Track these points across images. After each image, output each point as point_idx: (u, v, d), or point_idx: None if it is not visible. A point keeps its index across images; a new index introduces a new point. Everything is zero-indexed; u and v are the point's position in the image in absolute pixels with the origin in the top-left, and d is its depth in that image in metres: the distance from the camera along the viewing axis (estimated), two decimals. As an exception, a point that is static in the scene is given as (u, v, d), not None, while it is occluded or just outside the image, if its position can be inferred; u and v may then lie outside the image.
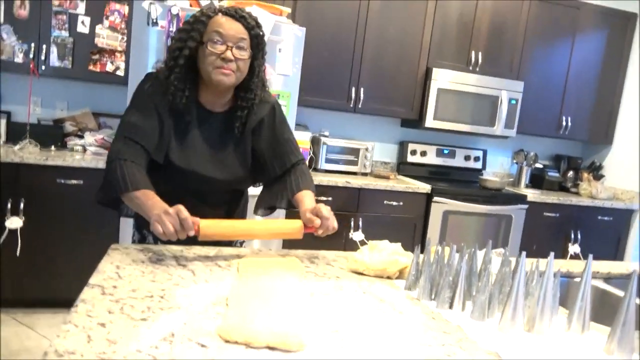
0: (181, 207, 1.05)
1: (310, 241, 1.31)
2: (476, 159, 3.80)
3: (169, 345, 0.71)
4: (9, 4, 2.66)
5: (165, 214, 1.04)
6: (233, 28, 1.21)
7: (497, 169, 3.99)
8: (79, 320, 0.76)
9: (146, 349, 0.69)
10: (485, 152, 3.84)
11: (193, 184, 1.31)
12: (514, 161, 3.88)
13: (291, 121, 2.69)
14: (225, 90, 1.29)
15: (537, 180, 3.85)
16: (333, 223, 1.22)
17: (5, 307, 2.59)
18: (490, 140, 3.86)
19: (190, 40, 1.21)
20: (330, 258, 1.30)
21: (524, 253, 0.93)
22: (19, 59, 2.72)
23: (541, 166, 3.86)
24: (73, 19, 2.76)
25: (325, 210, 1.23)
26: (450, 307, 1.02)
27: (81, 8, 2.76)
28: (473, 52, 3.39)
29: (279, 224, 1.29)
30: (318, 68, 3.10)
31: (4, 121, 2.86)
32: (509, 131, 3.50)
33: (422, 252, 1.13)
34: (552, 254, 0.96)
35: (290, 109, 2.68)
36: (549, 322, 0.96)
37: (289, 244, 1.29)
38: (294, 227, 1.23)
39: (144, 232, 1.38)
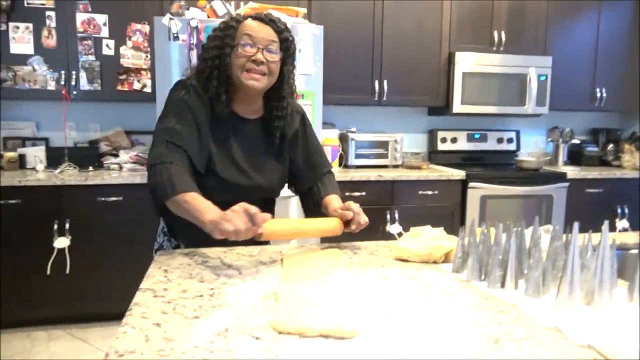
0: (246, 204, 1.01)
1: (347, 238, 1.31)
2: (509, 140, 3.70)
3: (224, 340, 0.71)
4: (38, 35, 2.77)
5: (233, 212, 0.99)
6: (263, 31, 1.21)
7: (532, 148, 3.88)
8: (135, 322, 0.77)
9: (202, 344, 0.70)
10: (518, 133, 3.74)
11: (232, 193, 1.23)
12: (549, 139, 3.76)
13: (317, 120, 2.70)
14: (256, 96, 1.29)
15: (576, 157, 3.72)
16: (364, 217, 1.25)
17: (60, 324, 2.69)
18: (522, 120, 3.76)
19: (225, 47, 1.21)
20: (372, 248, 1.28)
21: (576, 224, 0.90)
22: (52, 86, 2.82)
23: (578, 142, 3.73)
24: (98, 43, 2.85)
25: (355, 206, 1.26)
26: (503, 286, 0.99)
27: (105, 32, 2.85)
28: (495, 32, 3.31)
29: (324, 222, 1.27)
30: (339, 65, 3.09)
31: (43, 147, 2.97)
32: (541, 109, 3.40)
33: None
34: (605, 222, 0.92)
35: (315, 108, 2.69)
36: (609, 294, 0.91)
37: (328, 239, 1.28)
38: (335, 224, 1.25)
39: (177, 241, 1.36)
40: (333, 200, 1.35)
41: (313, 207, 1.43)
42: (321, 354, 0.68)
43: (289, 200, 2.67)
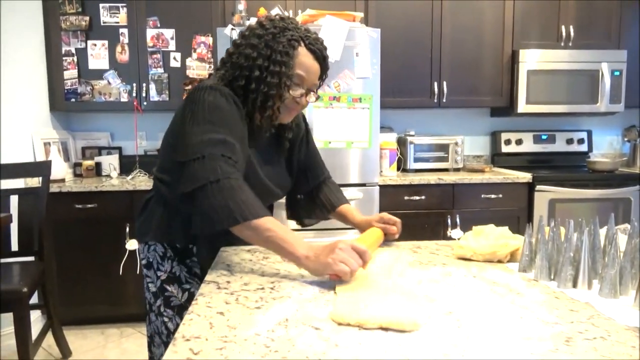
0: (349, 241, 0.95)
1: (406, 239, 1.29)
2: (580, 141, 3.49)
3: (284, 329, 0.73)
4: (112, 51, 2.98)
5: (342, 251, 0.91)
6: (314, 72, 1.16)
7: (606, 149, 3.64)
8: (200, 310, 0.81)
9: (264, 332, 0.72)
10: (590, 133, 3.52)
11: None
12: (625, 139, 3.52)
13: (375, 124, 2.69)
14: None
15: (657, 157, 3.44)
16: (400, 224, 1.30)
17: (131, 321, 2.85)
18: (595, 119, 3.54)
19: (283, 76, 1.11)
20: (432, 248, 1.25)
21: (657, 217, 0.83)
22: (124, 98, 3.02)
23: (659, 141, 3.45)
24: (166, 57, 3.02)
25: (393, 217, 1.30)
26: (574, 285, 0.93)
27: (172, 45, 3.01)
28: (563, 26, 3.15)
29: (377, 237, 1.23)
30: (397, 67, 3.07)
31: (117, 156, 3.18)
32: (616, 106, 3.18)
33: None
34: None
35: (373, 112, 2.68)
36: (698, 295, 0.84)
37: (387, 237, 1.27)
38: (382, 237, 1.26)
39: (193, 261, 1.21)
40: (352, 211, 1.40)
41: (315, 209, 1.43)
42: (380, 345, 0.67)
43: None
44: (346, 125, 2.67)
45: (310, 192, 1.44)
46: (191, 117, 1.06)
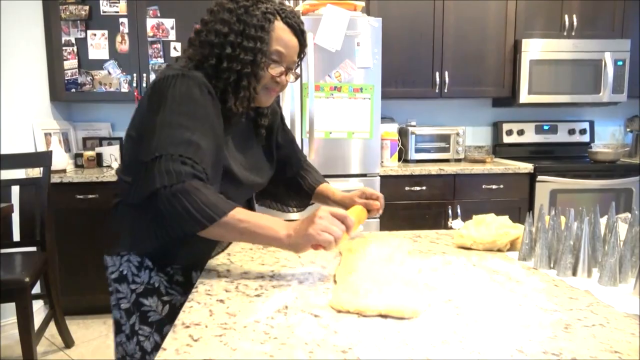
0: (329, 208, 0.91)
1: (406, 227, 1.29)
2: (582, 131, 3.48)
3: (284, 316, 0.73)
4: (112, 41, 2.96)
5: (322, 219, 0.86)
6: (293, 47, 1.07)
7: (608, 140, 3.62)
8: (200, 298, 0.81)
9: (263, 319, 0.72)
10: (592, 124, 3.50)
11: (233, 193, 1.04)
12: (628, 129, 3.50)
13: (376, 114, 2.68)
14: None
15: (659, 148, 3.43)
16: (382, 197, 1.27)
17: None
18: (597, 109, 3.52)
19: (258, 54, 1.01)
20: (433, 237, 1.25)
21: (658, 205, 0.83)
22: (125, 89, 3.01)
23: (662, 131, 3.43)
24: (166, 46, 3.00)
25: (374, 191, 1.27)
26: (574, 273, 0.93)
27: (172, 35, 3.00)
28: (566, 16, 3.12)
29: (360, 213, 1.19)
30: (398, 57, 3.05)
31: (117, 146, 3.18)
32: (619, 96, 3.16)
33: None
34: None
35: (374, 102, 2.67)
36: (698, 283, 0.84)
37: (387, 227, 1.26)
38: (366, 213, 1.22)
39: (173, 267, 1.06)
40: (334, 190, 1.33)
41: (295, 197, 1.38)
42: (380, 332, 0.68)
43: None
44: (347, 115, 2.66)
45: (290, 180, 1.36)
46: (157, 109, 0.93)
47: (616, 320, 0.72)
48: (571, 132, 3.47)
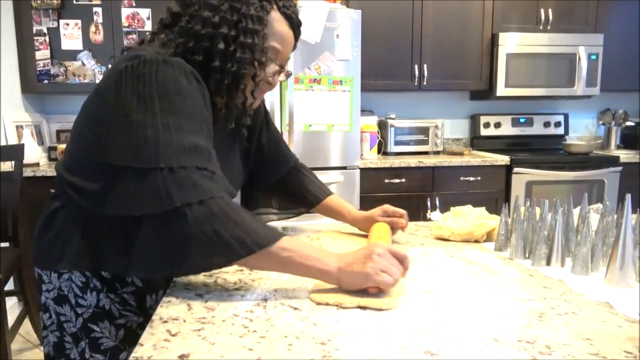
0: (386, 244, 0.83)
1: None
2: (557, 124, 3.55)
3: (263, 310, 0.73)
4: (86, 31, 2.89)
5: (381, 257, 0.76)
6: (289, 43, 0.95)
7: (582, 132, 3.71)
8: (179, 292, 0.80)
9: (242, 313, 0.72)
10: (566, 116, 3.58)
11: None
12: (601, 122, 3.59)
13: (355, 107, 2.68)
14: None
15: (630, 140, 3.52)
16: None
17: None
18: (571, 102, 3.59)
19: (258, 52, 0.87)
20: (412, 228, 1.26)
21: (628, 196, 0.85)
22: (99, 80, 2.93)
23: (633, 124, 3.53)
24: (142, 36, 2.93)
25: (392, 207, 1.14)
26: (548, 263, 0.96)
27: (148, 25, 2.94)
28: (542, 10, 3.17)
29: (389, 232, 1.09)
30: (378, 50, 3.06)
31: (93, 139, 3.11)
32: (592, 90, 3.23)
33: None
34: (661, 195, 0.86)
35: (354, 94, 2.67)
36: (665, 271, 0.86)
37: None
38: (391, 233, 1.11)
39: (126, 290, 0.89)
40: (348, 207, 1.19)
41: (287, 202, 1.22)
42: (358, 323, 0.68)
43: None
44: (327, 108, 2.65)
45: (279, 182, 1.21)
46: (138, 101, 0.75)
47: (588, 308, 0.74)
48: (546, 124, 3.54)
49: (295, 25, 0.95)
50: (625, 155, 3.14)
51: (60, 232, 0.85)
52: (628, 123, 3.49)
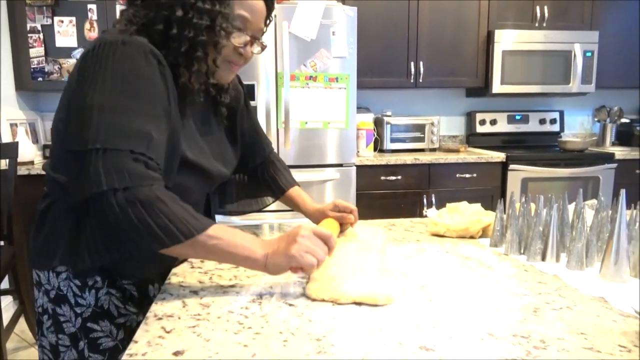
0: (311, 226, 0.81)
1: (382, 216, 1.29)
2: (552, 121, 3.56)
3: (258, 306, 0.73)
4: (81, 28, 2.87)
5: (304, 238, 0.76)
6: (260, 12, 0.91)
7: (577, 129, 3.72)
8: (174, 290, 0.80)
9: (237, 309, 0.71)
10: (562, 113, 3.59)
11: (194, 186, 0.93)
12: (596, 119, 3.60)
13: (352, 104, 2.68)
14: None
15: (625, 137, 3.54)
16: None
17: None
18: (567, 99, 3.60)
19: (218, 17, 0.84)
20: (407, 225, 1.27)
21: (623, 191, 0.85)
22: (95, 77, 2.92)
23: (628, 121, 3.54)
24: (137, 34, 2.92)
25: (344, 202, 1.12)
26: (543, 259, 0.96)
27: (143, 22, 2.92)
28: (537, 7, 3.17)
29: (334, 228, 1.07)
30: (373, 47, 3.05)
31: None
32: (587, 87, 3.24)
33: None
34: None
35: (350, 91, 2.66)
36: (659, 266, 0.87)
37: (363, 217, 1.26)
38: (338, 227, 1.11)
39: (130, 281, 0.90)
40: (305, 199, 1.18)
41: (260, 191, 1.22)
42: (354, 319, 0.68)
43: (324, 184, 2.68)
44: (323, 105, 2.65)
45: (253, 169, 1.20)
46: (92, 85, 0.74)
47: (582, 303, 0.75)
48: (542, 121, 3.55)
49: None
50: (620, 152, 3.15)
51: (53, 229, 0.86)
52: (623, 120, 3.50)
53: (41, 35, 2.84)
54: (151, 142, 0.75)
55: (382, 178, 2.91)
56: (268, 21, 0.96)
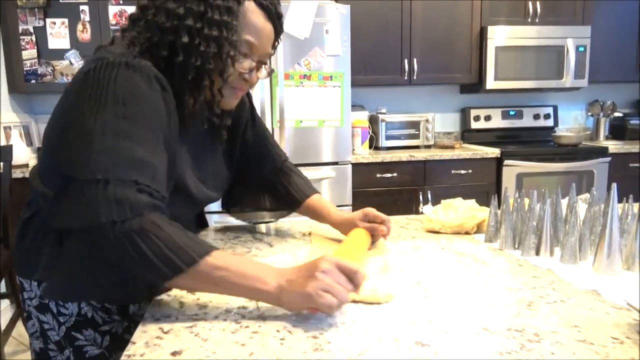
0: (334, 258, 0.69)
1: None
2: (546, 116, 3.58)
3: (255, 305, 0.73)
4: (73, 29, 2.86)
5: (325, 273, 0.66)
6: (267, 37, 0.87)
7: (571, 124, 3.74)
8: (170, 291, 0.80)
9: (234, 309, 0.72)
10: (555, 108, 3.60)
11: (182, 210, 0.89)
12: (589, 113, 3.61)
13: (346, 102, 2.68)
14: None
15: (618, 131, 3.56)
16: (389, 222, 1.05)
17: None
18: (560, 94, 3.62)
19: (225, 44, 0.80)
20: (403, 222, 1.27)
21: (614, 185, 0.86)
22: (88, 79, 2.91)
23: (621, 115, 3.56)
24: (130, 35, 2.92)
25: (375, 211, 1.05)
26: (537, 253, 0.97)
27: (136, 23, 2.91)
28: (530, 3, 3.18)
29: (364, 242, 0.99)
30: (367, 45, 3.06)
31: (82, 139, 3.08)
32: (580, 81, 3.25)
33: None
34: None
35: (344, 90, 2.67)
36: (651, 258, 0.88)
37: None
38: (369, 239, 1.02)
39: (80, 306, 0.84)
40: (329, 208, 1.11)
41: (274, 199, 1.16)
42: (350, 316, 0.69)
43: (320, 183, 2.68)
44: (317, 103, 2.65)
45: (265, 181, 1.15)
46: (93, 107, 0.70)
47: (576, 296, 0.76)
48: (536, 117, 3.56)
49: (274, 17, 0.88)
50: (613, 146, 3.17)
51: (33, 242, 0.83)
52: (616, 114, 3.52)
53: (33, 37, 2.83)
54: (155, 172, 0.71)
55: (378, 175, 2.92)
56: (276, 43, 0.92)
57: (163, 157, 0.75)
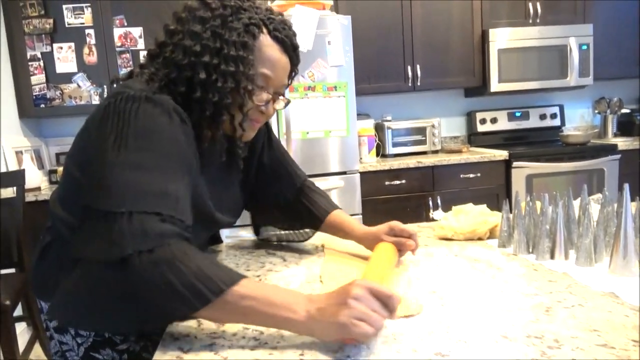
0: (366, 282, 0.65)
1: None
2: (553, 116, 3.56)
3: (272, 321, 0.73)
4: (80, 53, 2.91)
5: (358, 301, 0.62)
6: (283, 69, 0.89)
7: (578, 123, 3.72)
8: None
9: (252, 325, 0.72)
10: (562, 108, 3.59)
11: (200, 233, 0.90)
12: (596, 111, 3.59)
13: (351, 111, 2.70)
14: None
15: (627, 127, 3.53)
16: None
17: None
18: (565, 93, 3.60)
19: (244, 80, 0.82)
20: (414, 229, 1.26)
21: (626, 185, 0.86)
22: (96, 101, 2.96)
23: (628, 111, 3.53)
24: (135, 55, 2.96)
25: (401, 225, 1.02)
26: (552, 257, 0.96)
27: (141, 43, 2.96)
28: (530, 4, 3.18)
29: (391, 257, 0.94)
30: (369, 53, 3.07)
31: (92, 160, 3.12)
32: (585, 79, 3.24)
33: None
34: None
35: (349, 99, 2.68)
36: (668, 257, 0.87)
37: (369, 223, 1.26)
38: (396, 254, 0.98)
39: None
40: (352, 222, 1.09)
41: (296, 221, 1.16)
42: (368, 329, 0.69)
43: (329, 193, 2.68)
44: (323, 114, 2.67)
45: (284, 202, 1.14)
46: (116, 140, 0.71)
47: (594, 300, 0.75)
48: (542, 117, 3.55)
49: (289, 49, 0.89)
50: (623, 143, 3.14)
51: (52, 267, 0.84)
52: (623, 110, 3.50)
53: (41, 63, 2.88)
54: (178, 202, 0.71)
55: (387, 183, 2.92)
56: (293, 74, 0.94)
57: (186, 187, 0.75)
